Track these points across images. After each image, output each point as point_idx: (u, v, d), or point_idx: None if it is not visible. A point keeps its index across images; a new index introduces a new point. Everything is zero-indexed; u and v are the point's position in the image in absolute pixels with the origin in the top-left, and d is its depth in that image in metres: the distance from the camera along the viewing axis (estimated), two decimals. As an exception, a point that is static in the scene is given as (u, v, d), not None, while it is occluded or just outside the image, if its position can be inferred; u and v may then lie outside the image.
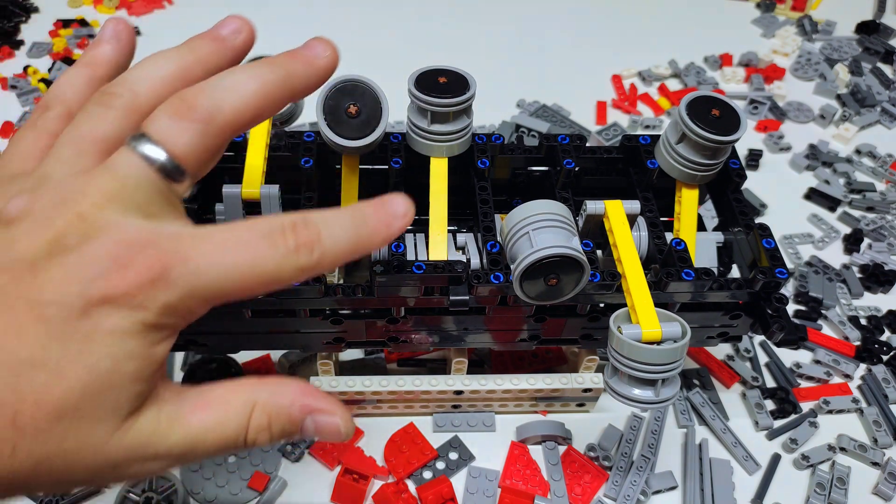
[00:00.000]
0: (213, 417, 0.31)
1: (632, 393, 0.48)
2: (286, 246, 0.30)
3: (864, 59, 1.09)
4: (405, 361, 0.70)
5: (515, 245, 0.49)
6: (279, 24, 1.11)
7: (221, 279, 0.29)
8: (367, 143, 0.52)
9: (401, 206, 0.33)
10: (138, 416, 0.29)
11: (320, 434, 0.33)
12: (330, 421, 0.33)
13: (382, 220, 0.32)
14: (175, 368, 0.68)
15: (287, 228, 0.30)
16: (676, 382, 0.48)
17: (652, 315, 0.48)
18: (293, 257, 0.30)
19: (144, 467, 0.30)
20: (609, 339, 0.48)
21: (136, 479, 0.58)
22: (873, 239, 0.84)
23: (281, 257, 0.30)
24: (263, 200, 0.54)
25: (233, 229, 0.30)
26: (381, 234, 0.32)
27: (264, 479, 0.60)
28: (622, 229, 0.54)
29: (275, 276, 0.30)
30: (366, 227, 0.32)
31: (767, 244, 0.54)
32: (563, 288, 0.49)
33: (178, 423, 0.30)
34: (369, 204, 0.33)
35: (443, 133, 0.53)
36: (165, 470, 0.33)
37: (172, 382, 0.31)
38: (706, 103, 0.54)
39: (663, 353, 0.46)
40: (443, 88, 0.52)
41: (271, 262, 0.30)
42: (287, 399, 0.32)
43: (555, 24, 1.15)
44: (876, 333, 0.75)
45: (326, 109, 0.52)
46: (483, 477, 0.62)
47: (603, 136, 0.94)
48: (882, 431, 0.66)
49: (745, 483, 0.63)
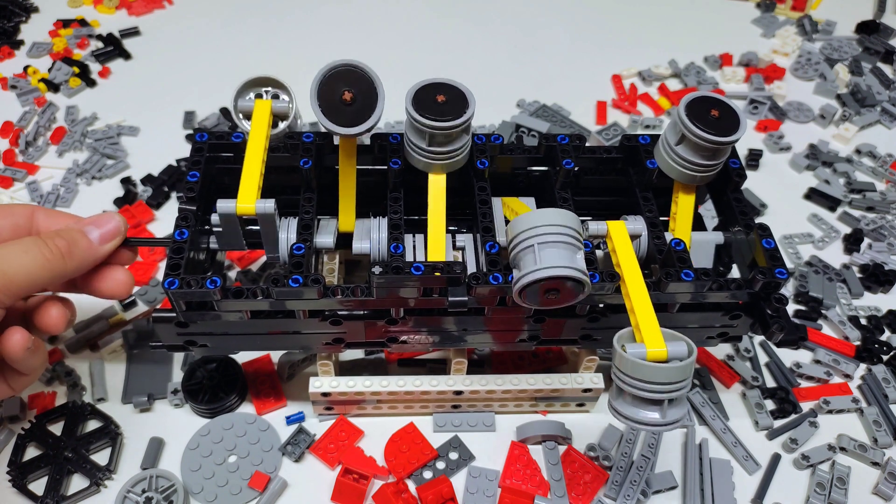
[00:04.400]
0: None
1: (637, 415, 0.46)
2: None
3: (864, 59, 1.09)
4: (405, 362, 0.70)
5: (519, 255, 0.49)
6: (279, 24, 1.11)
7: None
8: (362, 129, 0.51)
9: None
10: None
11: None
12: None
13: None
14: (175, 368, 0.68)
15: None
16: (684, 404, 0.47)
17: (657, 334, 0.47)
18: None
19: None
20: (613, 359, 0.47)
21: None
22: (873, 239, 0.84)
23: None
24: (259, 217, 0.53)
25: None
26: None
27: (264, 479, 0.60)
28: (625, 249, 0.53)
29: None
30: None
31: (767, 244, 0.54)
32: (562, 300, 0.49)
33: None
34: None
35: (441, 153, 0.53)
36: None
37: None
38: (705, 104, 0.54)
39: (669, 371, 0.45)
40: (441, 109, 0.51)
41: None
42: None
43: (555, 24, 1.15)
44: (876, 333, 0.75)
45: (321, 95, 0.51)
46: (483, 477, 0.62)
47: (603, 136, 0.94)
48: (882, 431, 0.66)
49: (745, 483, 0.63)
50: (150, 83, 1.00)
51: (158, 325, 0.55)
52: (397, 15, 1.15)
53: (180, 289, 0.50)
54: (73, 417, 0.63)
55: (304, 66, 0.62)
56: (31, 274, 0.49)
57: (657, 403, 0.46)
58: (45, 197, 0.83)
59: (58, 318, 0.53)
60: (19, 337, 0.50)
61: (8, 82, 0.97)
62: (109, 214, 0.54)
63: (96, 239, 0.53)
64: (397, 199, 0.56)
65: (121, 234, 0.54)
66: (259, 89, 0.58)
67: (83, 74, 0.99)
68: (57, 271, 0.50)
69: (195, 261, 0.55)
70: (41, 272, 0.49)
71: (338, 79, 0.51)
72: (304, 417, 0.65)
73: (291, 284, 0.49)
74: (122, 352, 0.69)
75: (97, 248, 0.53)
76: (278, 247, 0.55)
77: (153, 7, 1.13)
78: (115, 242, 0.54)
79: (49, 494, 0.59)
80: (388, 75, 0.59)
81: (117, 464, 0.62)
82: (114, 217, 0.54)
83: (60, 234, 0.52)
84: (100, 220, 0.54)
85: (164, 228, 0.81)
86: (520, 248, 0.48)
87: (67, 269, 0.51)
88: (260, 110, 0.56)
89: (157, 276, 0.76)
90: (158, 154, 0.89)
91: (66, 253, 0.51)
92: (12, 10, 1.09)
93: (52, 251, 0.50)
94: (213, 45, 1.06)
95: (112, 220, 0.54)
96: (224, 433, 0.63)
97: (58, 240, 0.51)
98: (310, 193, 0.57)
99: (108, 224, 0.53)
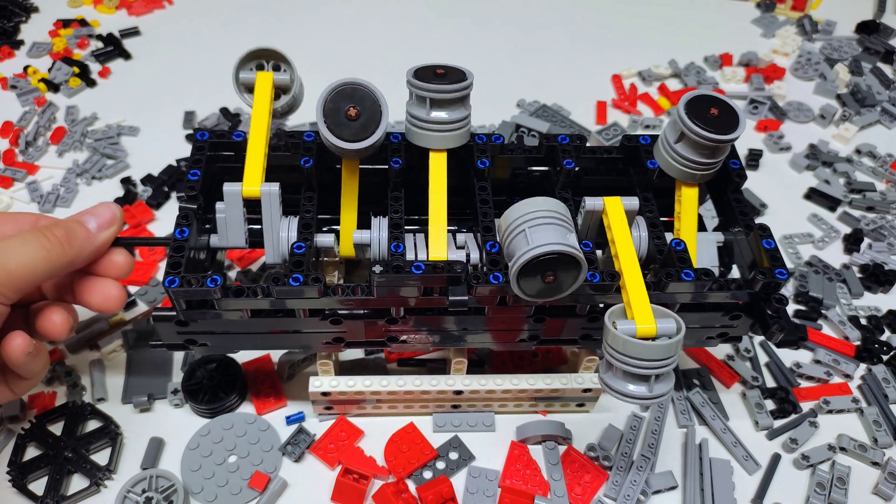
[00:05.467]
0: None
1: (625, 388, 0.48)
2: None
3: (864, 59, 1.09)
4: (405, 361, 0.70)
5: (512, 243, 0.49)
6: (279, 24, 1.11)
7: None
8: (366, 145, 0.52)
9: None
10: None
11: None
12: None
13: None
14: (175, 368, 0.68)
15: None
16: (670, 378, 0.48)
17: (647, 311, 0.48)
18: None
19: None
20: (604, 335, 0.49)
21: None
22: (873, 239, 0.84)
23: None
24: (264, 198, 0.54)
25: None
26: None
27: (264, 479, 0.60)
28: (621, 226, 0.54)
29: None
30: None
31: (767, 245, 0.54)
32: (560, 284, 0.49)
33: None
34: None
35: (442, 122, 0.53)
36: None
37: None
38: (705, 102, 0.54)
39: (657, 349, 0.46)
40: (441, 78, 0.52)
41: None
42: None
43: (555, 24, 1.15)
44: (876, 333, 0.75)
45: (326, 112, 0.52)
46: (483, 477, 0.62)
47: (603, 136, 0.94)
48: (882, 431, 0.66)
49: (745, 483, 0.63)
50: (150, 83, 1.00)
51: (158, 324, 0.55)
52: (397, 15, 1.15)
53: (180, 287, 0.50)
54: (73, 417, 0.63)
55: (305, 66, 0.61)
56: (32, 265, 0.49)
57: (645, 378, 0.47)
58: (45, 197, 0.83)
59: (60, 324, 0.53)
60: (20, 341, 0.50)
61: (8, 82, 0.97)
62: (105, 204, 0.55)
63: (94, 227, 0.53)
64: (398, 199, 0.56)
65: (117, 222, 0.55)
66: (260, 61, 0.58)
67: (83, 74, 0.99)
68: (57, 261, 0.50)
69: (195, 260, 0.55)
70: (42, 263, 0.50)
71: (343, 96, 0.52)
72: (304, 417, 0.65)
73: (292, 283, 0.49)
74: (122, 352, 0.69)
75: (95, 235, 0.53)
76: (279, 244, 0.55)
77: (153, 7, 1.13)
78: (113, 230, 0.54)
79: (49, 494, 0.59)
80: (387, 75, 0.59)
81: (117, 464, 0.62)
82: (109, 206, 0.55)
83: (58, 224, 0.52)
84: (95, 210, 0.54)
85: (164, 228, 0.81)
86: (512, 235, 0.49)
87: (67, 257, 0.51)
88: (262, 83, 0.57)
89: (157, 276, 0.76)
90: (158, 154, 0.89)
91: (65, 241, 0.51)
92: (12, 10, 1.09)
93: (51, 241, 0.50)
94: (213, 45, 1.06)
95: (108, 209, 0.54)
96: (224, 433, 0.63)
97: (56, 230, 0.51)
98: (310, 192, 0.57)
99: (103, 212, 0.54)
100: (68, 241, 0.51)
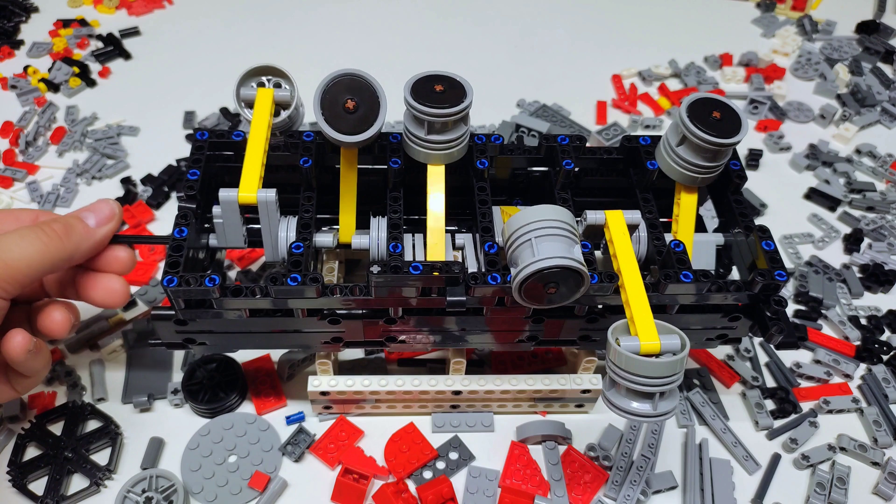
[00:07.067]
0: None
1: (630, 406, 0.47)
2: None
3: (864, 59, 1.09)
4: (405, 361, 0.70)
5: (517, 251, 0.49)
6: (279, 24, 1.11)
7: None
8: (364, 138, 0.51)
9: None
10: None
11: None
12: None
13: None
14: (175, 368, 0.68)
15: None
16: (675, 396, 0.47)
17: (651, 327, 0.47)
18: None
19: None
20: (607, 352, 0.48)
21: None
22: (873, 239, 0.84)
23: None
24: (261, 206, 0.53)
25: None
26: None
27: (264, 479, 0.60)
28: (622, 240, 0.53)
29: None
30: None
31: (767, 246, 0.54)
32: (562, 295, 0.49)
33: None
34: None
35: (440, 142, 0.53)
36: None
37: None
38: (707, 105, 0.53)
39: (661, 366, 0.45)
40: (439, 98, 0.51)
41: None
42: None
43: (555, 24, 1.15)
44: (876, 333, 0.75)
45: (324, 103, 0.51)
46: (483, 477, 0.62)
47: (603, 136, 0.94)
48: (882, 431, 0.66)
49: (745, 483, 0.63)
50: (150, 83, 1.00)
51: (157, 323, 0.55)
52: (397, 15, 1.15)
53: (179, 286, 0.50)
54: (73, 417, 0.63)
55: (305, 66, 0.62)
56: (31, 259, 0.49)
57: (649, 396, 0.46)
58: (45, 197, 0.83)
59: (61, 322, 0.54)
60: (21, 339, 0.50)
61: (8, 82, 0.97)
62: (103, 200, 0.55)
63: (92, 223, 0.54)
64: (397, 199, 0.56)
65: (116, 218, 0.55)
66: (261, 78, 0.58)
67: (83, 74, 0.99)
68: (55, 254, 0.51)
69: (195, 259, 0.55)
70: (40, 257, 0.50)
71: (341, 87, 0.51)
72: (304, 417, 0.65)
73: (290, 283, 0.49)
74: (122, 352, 0.69)
75: (94, 230, 0.53)
76: (278, 244, 0.55)
77: (153, 7, 1.13)
78: (112, 226, 0.55)
79: (49, 494, 0.59)
80: (387, 75, 0.59)
81: (117, 464, 0.62)
82: (108, 202, 0.55)
83: (56, 219, 0.52)
84: (94, 206, 0.55)
85: (164, 228, 0.81)
86: (517, 243, 0.49)
87: (65, 251, 0.51)
88: (262, 99, 0.57)
89: (156, 275, 0.76)
90: (158, 154, 0.89)
91: (63, 235, 0.51)
92: (12, 10, 1.10)
93: (49, 235, 0.51)
94: (213, 45, 1.06)
95: (106, 205, 0.55)
96: (224, 433, 0.63)
97: (54, 224, 0.51)
98: (310, 192, 0.57)
99: (102, 208, 0.55)
100: (66, 235, 0.51)
